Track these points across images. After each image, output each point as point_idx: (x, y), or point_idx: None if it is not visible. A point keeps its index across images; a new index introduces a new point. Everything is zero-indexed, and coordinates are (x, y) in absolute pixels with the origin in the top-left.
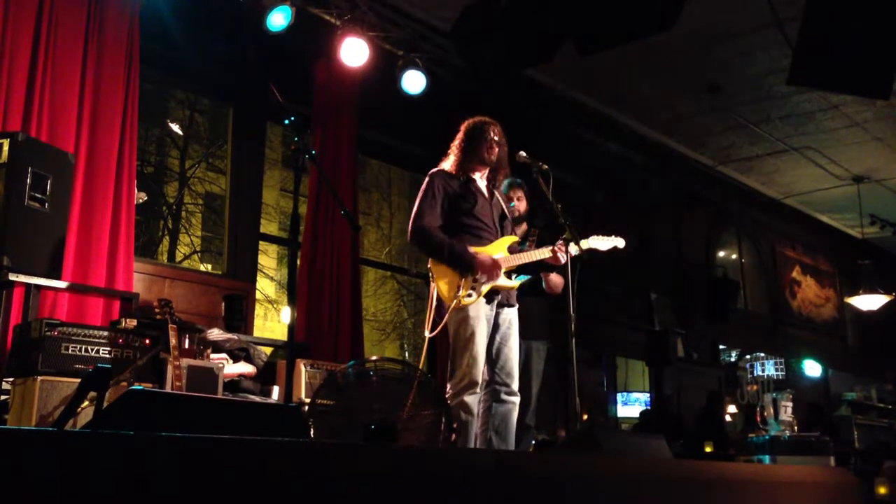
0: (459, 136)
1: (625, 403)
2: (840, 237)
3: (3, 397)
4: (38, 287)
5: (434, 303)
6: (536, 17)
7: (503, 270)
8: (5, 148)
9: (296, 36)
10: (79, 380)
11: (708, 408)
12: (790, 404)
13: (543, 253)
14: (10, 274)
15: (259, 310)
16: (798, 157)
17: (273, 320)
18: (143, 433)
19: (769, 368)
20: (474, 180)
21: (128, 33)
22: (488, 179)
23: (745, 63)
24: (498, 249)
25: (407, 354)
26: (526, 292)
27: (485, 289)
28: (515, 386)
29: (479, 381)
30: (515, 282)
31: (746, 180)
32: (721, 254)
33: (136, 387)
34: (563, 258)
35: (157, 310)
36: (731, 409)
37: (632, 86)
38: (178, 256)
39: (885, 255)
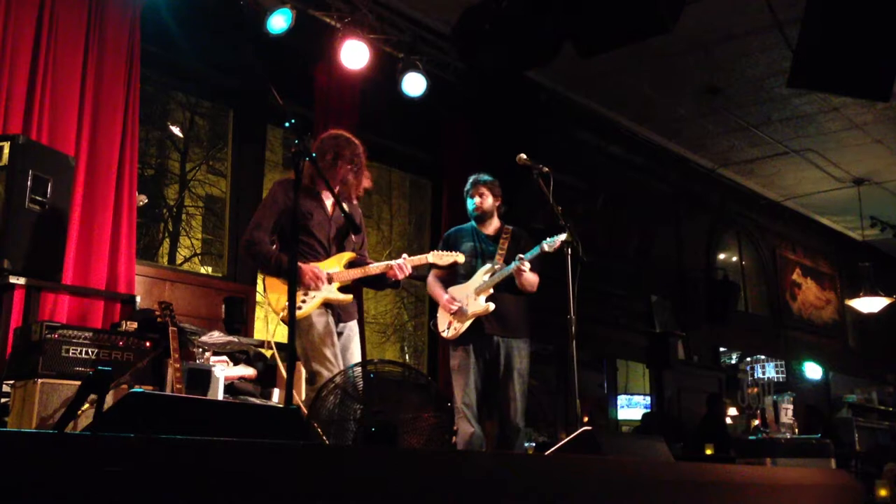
0: (315, 149)
1: (625, 405)
2: (841, 239)
3: (3, 400)
4: (38, 289)
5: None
6: (536, 19)
7: (336, 285)
8: (6, 150)
9: (296, 38)
10: (79, 382)
11: (708, 410)
12: (791, 407)
13: (380, 267)
14: (10, 276)
15: (259, 312)
16: (798, 159)
17: (273, 323)
18: (143, 436)
19: (770, 371)
20: (320, 195)
21: (128, 36)
22: (339, 193)
23: (745, 65)
24: (332, 265)
25: (407, 357)
26: (501, 290)
27: (314, 302)
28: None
29: None
30: (349, 296)
31: (747, 182)
32: (721, 256)
33: (137, 389)
34: (399, 274)
35: (157, 312)
36: (732, 411)
37: (632, 88)
38: (179, 259)
39: (886, 258)
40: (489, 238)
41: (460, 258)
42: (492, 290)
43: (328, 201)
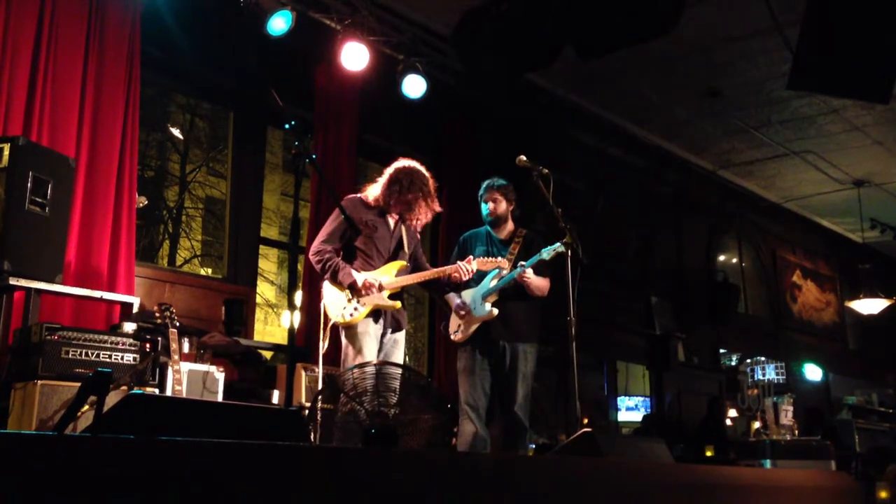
0: (392, 173)
1: (630, 408)
2: (841, 241)
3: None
4: (38, 291)
5: (324, 319)
6: (536, 21)
7: (386, 293)
8: (6, 152)
9: (296, 40)
10: (79, 384)
11: (709, 413)
12: (791, 408)
13: (433, 273)
14: (10, 278)
15: (259, 314)
16: (798, 161)
17: (273, 324)
18: (143, 437)
19: (770, 372)
20: (385, 212)
21: (129, 38)
22: (399, 213)
23: (745, 67)
24: (384, 273)
25: (407, 358)
26: (509, 296)
27: (366, 309)
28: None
29: None
30: (397, 302)
31: (747, 184)
32: (721, 258)
33: (137, 391)
34: (464, 276)
35: (157, 314)
36: (732, 413)
37: (632, 90)
38: (179, 261)
39: (886, 260)
40: (502, 242)
41: (561, 248)
42: (496, 296)
43: (391, 220)
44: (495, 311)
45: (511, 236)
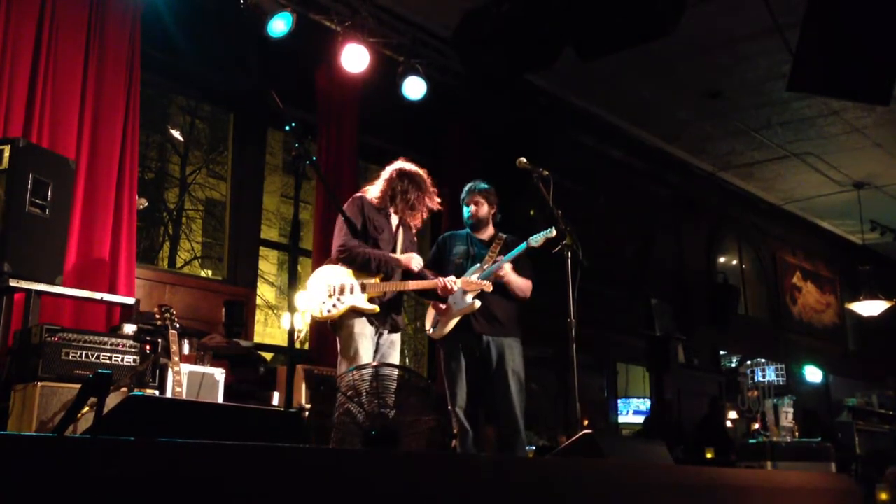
0: (394, 174)
1: (639, 411)
2: (841, 243)
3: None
4: (38, 293)
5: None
6: (537, 22)
7: (366, 296)
8: (6, 154)
9: (297, 42)
10: (79, 385)
11: (710, 414)
12: (791, 410)
13: (424, 284)
14: (10, 280)
15: (259, 315)
16: (798, 162)
17: (273, 326)
18: (143, 439)
19: (770, 374)
20: (389, 214)
21: (129, 39)
22: (400, 214)
23: (745, 69)
24: (368, 276)
25: (407, 360)
26: (492, 291)
27: (344, 307)
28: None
29: None
30: (374, 306)
31: (747, 186)
32: (721, 259)
33: (137, 392)
34: (454, 287)
35: (157, 315)
36: (732, 414)
37: (632, 91)
38: (179, 262)
39: (886, 261)
40: (482, 243)
41: (552, 233)
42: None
43: (394, 222)
44: (477, 304)
45: (491, 239)
